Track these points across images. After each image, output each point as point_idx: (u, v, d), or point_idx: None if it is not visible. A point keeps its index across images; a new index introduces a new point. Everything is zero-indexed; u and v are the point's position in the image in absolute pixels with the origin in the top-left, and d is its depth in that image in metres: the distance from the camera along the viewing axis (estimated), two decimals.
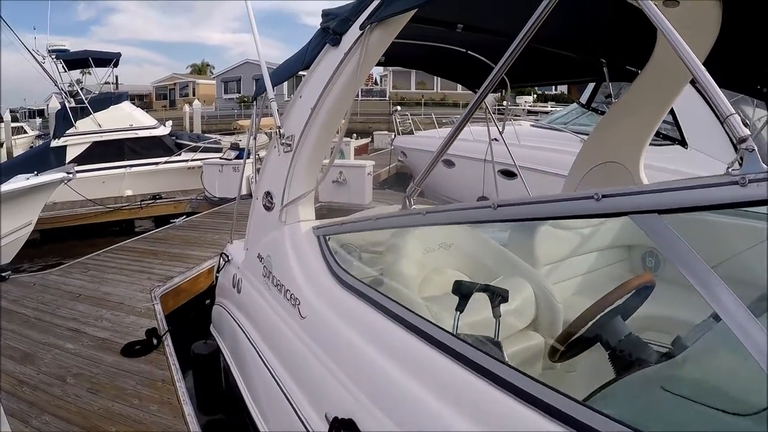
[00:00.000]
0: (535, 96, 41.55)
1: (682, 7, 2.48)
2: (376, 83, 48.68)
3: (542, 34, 1.63)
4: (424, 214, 1.87)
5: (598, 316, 1.70)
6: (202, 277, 6.59)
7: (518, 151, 5.48)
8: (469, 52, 4.01)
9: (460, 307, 1.79)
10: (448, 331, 1.61)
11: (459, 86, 5.42)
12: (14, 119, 29.29)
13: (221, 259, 4.07)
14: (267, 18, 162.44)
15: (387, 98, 43.16)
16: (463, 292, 1.84)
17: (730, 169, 1.05)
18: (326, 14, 2.81)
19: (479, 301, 1.90)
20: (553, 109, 28.78)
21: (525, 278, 2.64)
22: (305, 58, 2.93)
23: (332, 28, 2.61)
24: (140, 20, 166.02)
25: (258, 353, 2.76)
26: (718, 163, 6.01)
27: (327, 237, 2.63)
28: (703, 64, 1.20)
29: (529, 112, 32.03)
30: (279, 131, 2.98)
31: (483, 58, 4.08)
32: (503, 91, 5.47)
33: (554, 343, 1.74)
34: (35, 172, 7.54)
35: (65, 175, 7.72)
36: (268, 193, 3.20)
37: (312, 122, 2.74)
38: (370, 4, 2.35)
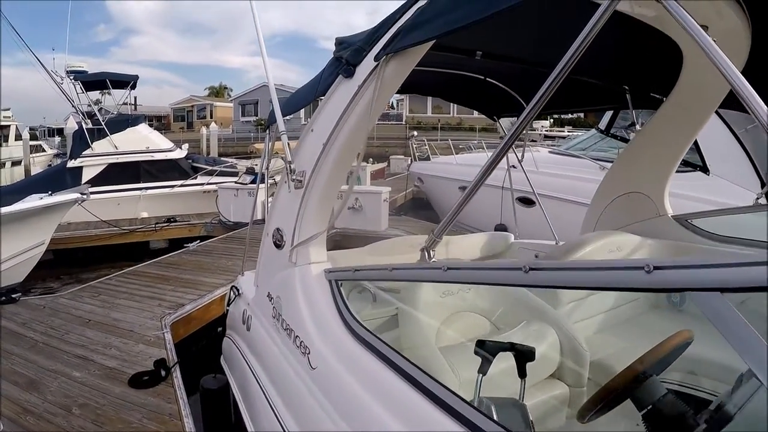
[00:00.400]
0: (552, 120, 41.43)
1: (711, 32, 2.35)
2: (392, 107, 48.94)
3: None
4: (444, 270, 1.70)
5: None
6: (214, 304, 6.49)
7: (536, 178, 5.41)
8: (487, 79, 3.92)
9: (483, 370, 1.64)
10: (465, 401, 1.46)
11: (476, 111, 5.38)
12: (33, 137, 29.79)
13: (231, 292, 3.97)
14: (285, 42, 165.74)
15: (403, 122, 43.48)
16: (486, 352, 1.68)
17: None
18: (339, 42, 2.68)
19: (502, 356, 1.75)
20: (570, 133, 28.72)
21: (549, 323, 2.49)
22: (318, 88, 2.80)
23: (345, 58, 2.46)
24: (159, 42, 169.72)
25: (266, 397, 2.63)
26: (742, 190, 5.82)
27: (339, 282, 2.48)
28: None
29: (546, 136, 31.99)
30: (289, 167, 2.85)
31: (502, 85, 4.01)
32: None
33: (583, 407, 1.59)
34: (50, 192, 7.60)
35: (79, 195, 7.79)
36: (278, 230, 3.06)
37: (324, 159, 2.59)
38: (386, 33, 2.22)
